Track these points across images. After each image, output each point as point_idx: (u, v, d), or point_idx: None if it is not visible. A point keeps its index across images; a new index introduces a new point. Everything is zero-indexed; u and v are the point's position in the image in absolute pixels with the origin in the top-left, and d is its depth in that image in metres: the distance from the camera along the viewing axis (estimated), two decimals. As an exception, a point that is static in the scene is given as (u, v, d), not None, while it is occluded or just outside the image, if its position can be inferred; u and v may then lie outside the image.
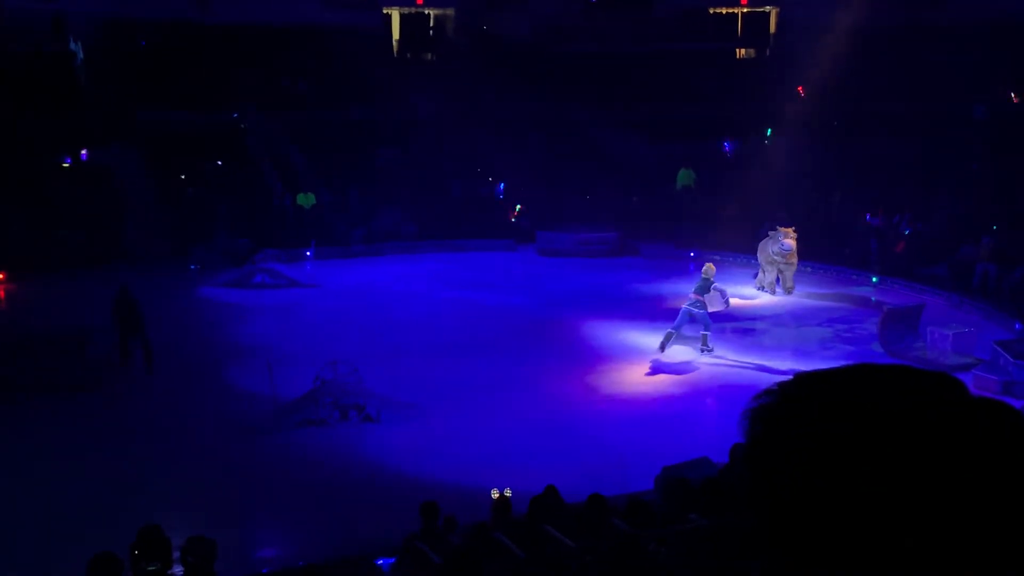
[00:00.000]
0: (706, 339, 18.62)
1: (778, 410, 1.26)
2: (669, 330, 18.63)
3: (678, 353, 18.70)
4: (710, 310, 18.81)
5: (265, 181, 30.64)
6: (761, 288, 23.24)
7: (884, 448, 1.17)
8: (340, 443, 14.75)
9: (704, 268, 19.32)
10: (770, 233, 22.73)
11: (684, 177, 31.75)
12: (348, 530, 11.71)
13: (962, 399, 1.24)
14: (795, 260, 22.88)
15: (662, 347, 18.49)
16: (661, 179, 31.75)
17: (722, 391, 16.60)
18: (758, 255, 23.25)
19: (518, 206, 30.64)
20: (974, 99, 32.39)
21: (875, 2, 34.50)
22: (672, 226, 28.96)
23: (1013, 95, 33.43)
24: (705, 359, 18.46)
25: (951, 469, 1.17)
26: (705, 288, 18.88)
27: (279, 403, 15.76)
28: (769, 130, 31.11)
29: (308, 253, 27.53)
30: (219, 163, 30.81)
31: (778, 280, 23.00)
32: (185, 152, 30.18)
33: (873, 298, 22.85)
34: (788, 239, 22.31)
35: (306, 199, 29.81)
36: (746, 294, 22.76)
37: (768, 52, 41.23)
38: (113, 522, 11.14)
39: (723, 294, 19.62)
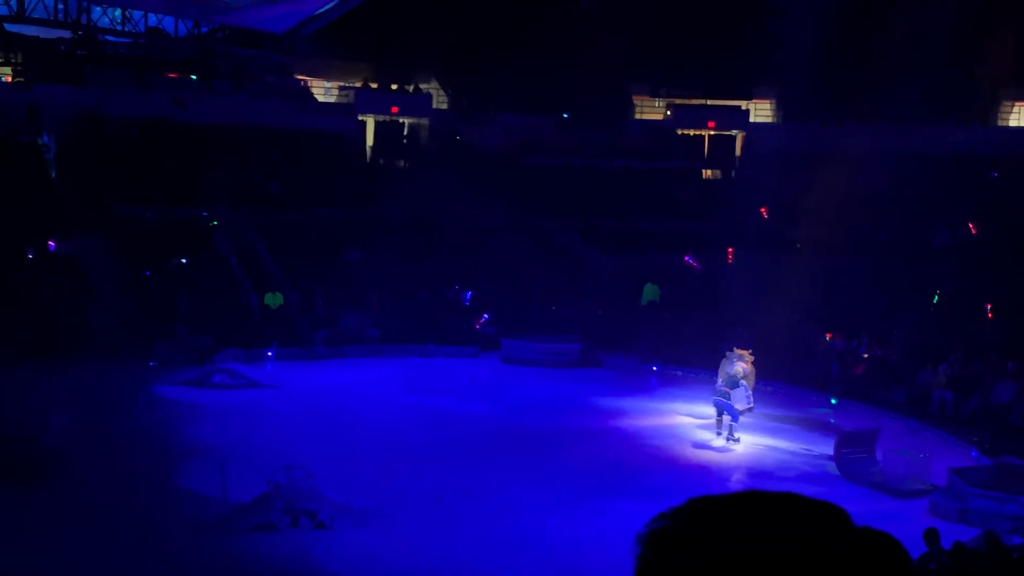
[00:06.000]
0: (731, 428, 20.49)
1: (667, 535, 1.38)
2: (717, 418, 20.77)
3: (645, 465, 18.78)
4: (735, 406, 20.38)
5: (231, 279, 30.56)
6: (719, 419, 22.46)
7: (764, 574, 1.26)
8: (289, 550, 14.44)
9: (737, 364, 20.65)
10: (728, 354, 22.65)
11: (650, 292, 32.05)
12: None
13: (844, 530, 1.32)
14: (752, 380, 22.92)
15: (725, 439, 20.49)
16: (627, 292, 32.01)
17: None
18: (718, 375, 23.14)
19: (485, 315, 30.67)
20: (934, 227, 33.15)
21: (838, 130, 35.48)
22: (636, 339, 29.09)
23: (972, 225, 34.21)
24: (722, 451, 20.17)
25: None
26: (732, 383, 20.40)
27: (230, 505, 15.48)
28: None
29: (269, 354, 27.30)
30: (184, 260, 30.70)
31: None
32: (153, 246, 30.12)
33: (831, 420, 22.93)
34: (741, 363, 22.20)
35: (274, 299, 29.75)
36: (705, 413, 22.72)
37: (733, 173, 42.14)
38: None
39: (749, 396, 20.78)
